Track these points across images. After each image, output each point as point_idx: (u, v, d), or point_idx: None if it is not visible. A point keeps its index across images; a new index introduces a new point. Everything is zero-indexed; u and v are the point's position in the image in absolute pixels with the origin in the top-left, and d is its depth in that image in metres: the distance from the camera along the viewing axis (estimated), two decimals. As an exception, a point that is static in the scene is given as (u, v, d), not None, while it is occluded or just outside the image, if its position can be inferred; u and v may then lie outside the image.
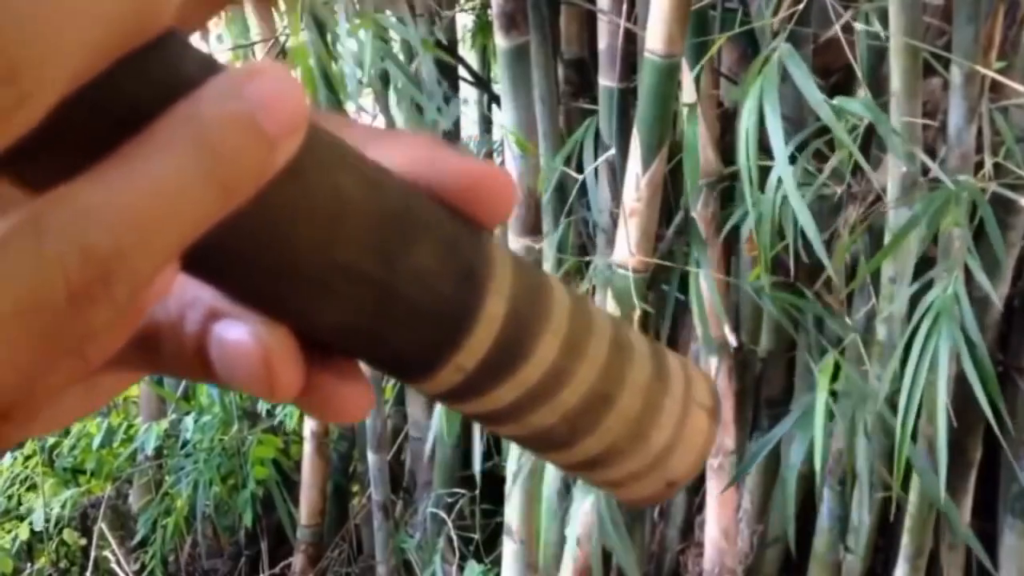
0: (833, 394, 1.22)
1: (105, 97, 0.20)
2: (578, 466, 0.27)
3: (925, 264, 1.17)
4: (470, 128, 1.85)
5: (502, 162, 1.62)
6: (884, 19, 1.08)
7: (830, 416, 1.21)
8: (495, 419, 0.26)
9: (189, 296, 0.24)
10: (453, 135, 1.69)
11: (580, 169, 1.37)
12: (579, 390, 0.25)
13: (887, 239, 1.15)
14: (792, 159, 1.15)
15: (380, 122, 1.63)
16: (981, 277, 1.06)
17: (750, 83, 1.07)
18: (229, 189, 0.20)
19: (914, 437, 1.20)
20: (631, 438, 0.26)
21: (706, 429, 0.27)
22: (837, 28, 1.06)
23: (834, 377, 1.24)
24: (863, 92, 1.16)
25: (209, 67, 0.20)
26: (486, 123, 1.88)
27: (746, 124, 1.07)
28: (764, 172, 1.27)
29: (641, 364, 0.26)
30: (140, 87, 0.20)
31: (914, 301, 1.15)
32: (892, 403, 1.23)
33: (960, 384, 1.14)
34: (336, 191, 0.22)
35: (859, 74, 1.13)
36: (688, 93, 1.21)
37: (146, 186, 0.19)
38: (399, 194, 0.23)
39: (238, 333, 0.23)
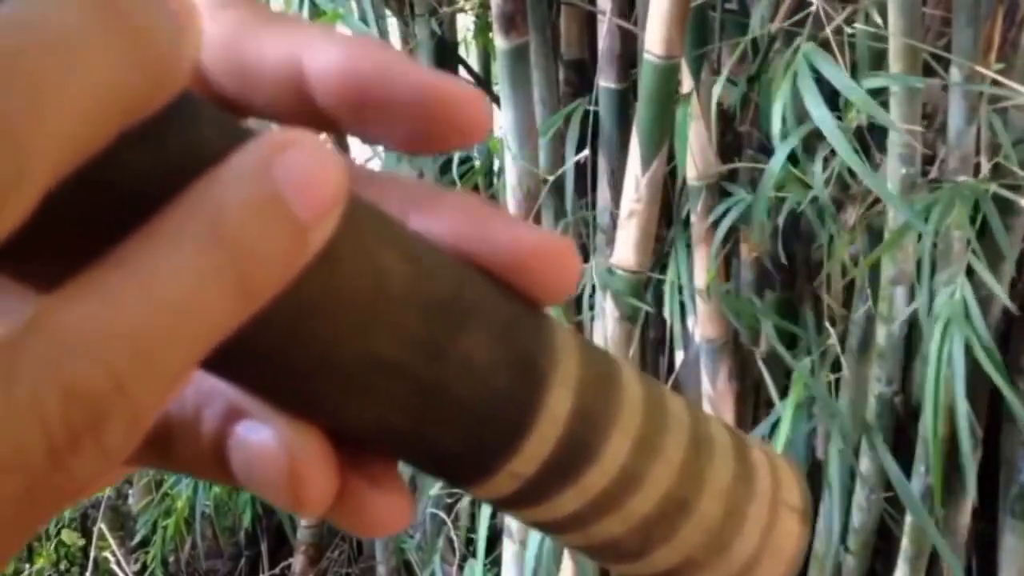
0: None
1: (105, 179, 0.16)
2: None
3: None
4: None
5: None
6: (883, 18, 1.08)
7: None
8: (555, 528, 0.22)
9: (206, 387, 0.20)
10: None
11: (581, 170, 1.37)
12: (652, 496, 0.22)
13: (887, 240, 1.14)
14: (792, 160, 1.15)
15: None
16: (989, 279, 1.06)
17: (778, 80, 1.05)
18: (253, 292, 0.16)
19: (913, 443, 1.20)
20: (711, 549, 0.23)
21: (796, 535, 0.23)
22: (832, 28, 1.06)
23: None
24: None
25: (233, 135, 0.17)
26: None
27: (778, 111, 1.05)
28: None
29: (723, 463, 0.23)
30: (147, 165, 0.16)
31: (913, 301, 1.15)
32: (892, 404, 1.23)
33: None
34: (375, 275, 0.19)
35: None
36: (684, 87, 1.20)
37: (148, 296, 0.15)
38: (447, 274, 0.20)
39: (262, 436, 0.19)
